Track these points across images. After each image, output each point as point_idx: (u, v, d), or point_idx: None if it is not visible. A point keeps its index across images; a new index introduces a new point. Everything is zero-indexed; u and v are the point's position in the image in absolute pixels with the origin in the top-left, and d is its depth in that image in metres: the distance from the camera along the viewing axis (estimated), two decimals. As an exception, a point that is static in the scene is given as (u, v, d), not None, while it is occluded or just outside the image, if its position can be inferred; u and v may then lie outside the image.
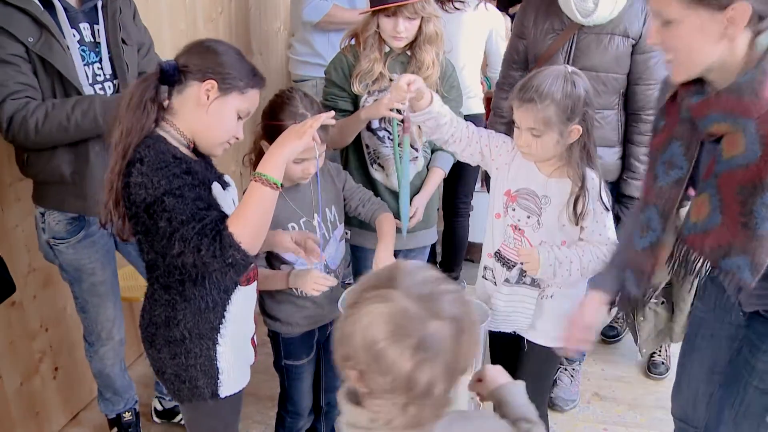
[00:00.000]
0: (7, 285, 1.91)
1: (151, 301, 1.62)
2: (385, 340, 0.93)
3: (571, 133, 1.73)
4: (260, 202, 1.43)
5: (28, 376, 2.42)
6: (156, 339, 1.62)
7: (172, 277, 1.54)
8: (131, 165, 1.44)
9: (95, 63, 1.98)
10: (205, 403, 1.66)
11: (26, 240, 2.30)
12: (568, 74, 1.72)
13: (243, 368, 1.72)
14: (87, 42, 1.96)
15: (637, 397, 2.77)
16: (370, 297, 0.96)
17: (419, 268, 1.02)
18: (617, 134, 2.39)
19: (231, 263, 1.40)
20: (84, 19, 1.95)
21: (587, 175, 1.79)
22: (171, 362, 1.61)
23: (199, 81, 1.49)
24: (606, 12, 2.19)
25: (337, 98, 2.21)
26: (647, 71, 2.26)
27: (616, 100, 2.34)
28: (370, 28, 2.14)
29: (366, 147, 2.27)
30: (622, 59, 2.26)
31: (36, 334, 2.43)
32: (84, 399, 2.75)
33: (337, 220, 2.06)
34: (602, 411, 2.74)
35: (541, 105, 1.69)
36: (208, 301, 1.58)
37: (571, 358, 2.70)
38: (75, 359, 2.65)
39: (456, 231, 3.49)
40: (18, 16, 1.79)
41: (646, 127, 2.26)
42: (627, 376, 2.94)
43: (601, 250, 1.81)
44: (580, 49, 2.27)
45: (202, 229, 1.39)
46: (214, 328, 1.61)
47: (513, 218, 1.88)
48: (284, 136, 1.50)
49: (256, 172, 1.44)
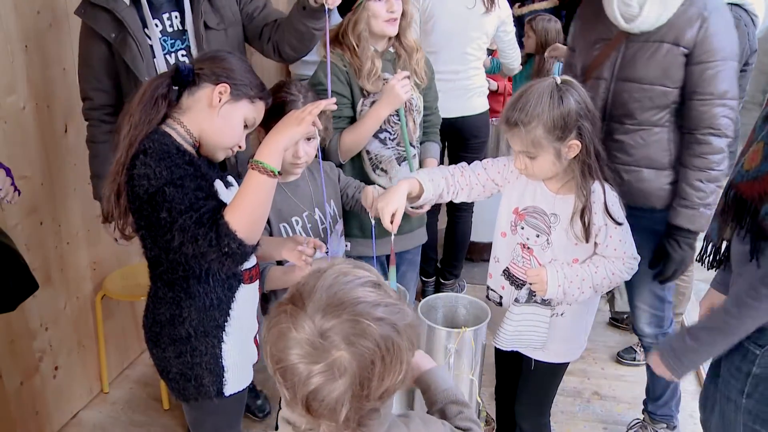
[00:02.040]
0: (30, 283, 1.92)
1: (155, 300, 1.62)
2: (288, 360, 0.92)
3: (569, 149, 1.66)
4: (258, 191, 1.42)
5: (28, 375, 2.42)
6: (161, 338, 1.61)
7: (175, 274, 1.54)
8: (135, 157, 1.45)
9: (180, 50, 2.12)
10: (209, 402, 1.65)
11: (26, 239, 2.30)
12: (555, 88, 1.64)
13: (246, 367, 1.72)
14: (170, 31, 2.11)
15: (637, 396, 2.77)
16: (281, 311, 0.94)
17: (342, 282, 0.95)
18: (668, 156, 2.08)
19: (227, 252, 1.39)
20: (168, 8, 2.10)
21: (592, 189, 1.72)
22: (176, 361, 1.60)
23: (213, 84, 1.52)
24: (652, 17, 1.95)
25: (342, 106, 2.14)
26: (702, 84, 1.96)
27: (667, 117, 2.05)
28: (360, 20, 2.09)
29: (367, 153, 2.22)
30: (671, 70, 1.98)
31: (36, 333, 2.43)
32: (84, 398, 2.75)
33: (337, 214, 2.08)
34: (602, 410, 2.74)
35: (527, 128, 1.63)
36: (212, 298, 1.58)
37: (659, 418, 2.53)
38: (75, 359, 2.65)
39: (458, 226, 3.49)
40: (102, 15, 2.03)
41: (702, 149, 1.99)
42: (627, 375, 2.95)
43: (616, 266, 1.75)
44: (627, 59, 2.04)
45: (199, 218, 1.39)
46: (219, 326, 1.60)
47: (522, 237, 1.82)
48: (283, 123, 1.49)
49: (254, 160, 1.43)
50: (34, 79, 2.32)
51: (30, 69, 2.29)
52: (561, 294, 1.73)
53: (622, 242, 1.75)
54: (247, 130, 1.60)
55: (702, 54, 1.94)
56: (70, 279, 2.59)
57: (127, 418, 2.70)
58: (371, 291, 0.95)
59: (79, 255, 2.64)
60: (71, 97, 2.50)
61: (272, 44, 2.19)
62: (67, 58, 2.46)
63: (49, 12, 2.36)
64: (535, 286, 1.75)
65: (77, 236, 2.61)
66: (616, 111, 2.08)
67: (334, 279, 0.96)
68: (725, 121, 1.96)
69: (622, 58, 2.05)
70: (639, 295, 2.29)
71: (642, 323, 2.34)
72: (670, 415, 2.49)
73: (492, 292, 1.97)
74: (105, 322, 2.76)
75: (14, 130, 2.24)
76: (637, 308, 2.32)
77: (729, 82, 1.95)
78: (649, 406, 2.50)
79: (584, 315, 1.91)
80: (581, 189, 1.71)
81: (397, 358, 0.92)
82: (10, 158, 2.11)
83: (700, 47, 1.94)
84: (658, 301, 2.27)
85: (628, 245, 1.77)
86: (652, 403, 2.49)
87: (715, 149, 1.97)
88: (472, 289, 3.67)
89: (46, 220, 2.43)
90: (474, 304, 2.02)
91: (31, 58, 2.29)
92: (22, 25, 2.24)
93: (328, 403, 0.90)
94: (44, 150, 2.39)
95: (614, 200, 1.74)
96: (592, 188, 1.72)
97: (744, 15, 2.38)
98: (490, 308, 1.92)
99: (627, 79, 2.03)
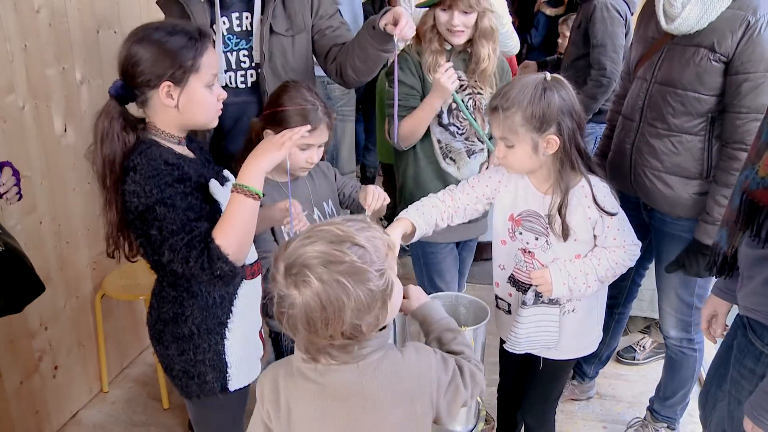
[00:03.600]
0: (36, 285, 1.93)
1: (158, 299, 1.62)
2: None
3: (547, 143, 1.66)
4: (243, 213, 1.44)
5: (28, 374, 2.41)
6: (164, 336, 1.61)
7: (177, 275, 1.55)
8: (125, 173, 1.46)
9: (242, 50, 2.15)
10: (213, 399, 1.66)
11: (26, 239, 2.30)
12: (542, 82, 1.65)
13: (252, 362, 1.72)
14: (237, 30, 2.14)
15: (636, 395, 2.78)
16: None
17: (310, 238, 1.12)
18: (701, 166, 1.99)
19: (219, 275, 1.42)
20: (240, 8, 2.14)
21: (581, 184, 1.71)
22: (179, 358, 1.61)
23: (154, 88, 1.48)
24: (692, 19, 1.87)
25: (409, 96, 2.25)
26: (737, 96, 1.86)
27: (703, 125, 1.95)
28: (427, 21, 2.21)
29: (438, 142, 2.31)
30: (706, 77, 1.89)
31: (36, 332, 2.43)
32: (84, 398, 2.75)
33: (335, 213, 2.10)
34: (602, 409, 2.74)
35: (506, 113, 1.64)
36: (215, 296, 1.59)
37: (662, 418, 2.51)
38: (75, 358, 2.65)
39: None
40: (175, 7, 2.11)
41: (731, 164, 1.90)
42: (627, 375, 2.95)
43: (618, 255, 1.75)
44: (666, 62, 1.99)
45: (190, 240, 1.41)
46: (222, 322, 1.61)
47: (521, 242, 1.82)
48: (262, 147, 1.51)
49: (237, 183, 1.45)
50: (34, 78, 2.31)
51: (29, 68, 2.29)
52: (567, 291, 1.73)
53: (620, 231, 1.75)
54: (217, 84, 1.56)
55: (742, 64, 1.84)
56: (69, 278, 2.59)
57: (126, 417, 2.69)
58: (330, 251, 1.10)
59: (79, 254, 2.64)
60: (71, 96, 2.50)
61: (336, 65, 2.20)
62: (66, 58, 2.46)
63: (49, 11, 2.36)
64: (541, 288, 1.75)
65: (77, 236, 2.60)
66: (650, 114, 2.05)
67: (299, 241, 1.13)
68: None
69: (662, 60, 2.01)
70: (666, 299, 2.27)
71: (668, 326, 2.31)
72: (673, 417, 2.48)
73: (501, 301, 1.95)
74: (105, 322, 2.75)
75: (13, 129, 2.24)
76: (665, 311, 2.30)
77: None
78: (656, 404, 2.49)
79: (594, 307, 1.90)
80: (558, 184, 1.71)
81: (339, 312, 1.08)
82: (9, 157, 2.10)
83: (740, 56, 1.83)
84: (685, 306, 2.23)
85: (626, 233, 1.77)
86: (660, 402, 2.47)
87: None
88: (472, 288, 3.67)
89: (45, 219, 2.43)
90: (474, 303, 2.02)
91: (31, 57, 2.29)
92: (21, 24, 2.23)
93: (293, 324, 1.11)
94: (43, 149, 2.39)
95: (605, 191, 1.73)
96: (580, 184, 1.72)
97: None
98: (500, 317, 1.92)
99: (663, 82, 2.00)
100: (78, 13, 2.50)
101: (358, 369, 1.17)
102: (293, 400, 1.21)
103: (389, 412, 1.20)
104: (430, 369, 1.25)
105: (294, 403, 1.22)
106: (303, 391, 1.20)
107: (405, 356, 1.23)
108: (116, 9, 2.74)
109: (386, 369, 1.19)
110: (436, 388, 1.25)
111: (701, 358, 2.36)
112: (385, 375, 1.18)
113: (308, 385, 1.19)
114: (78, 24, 2.51)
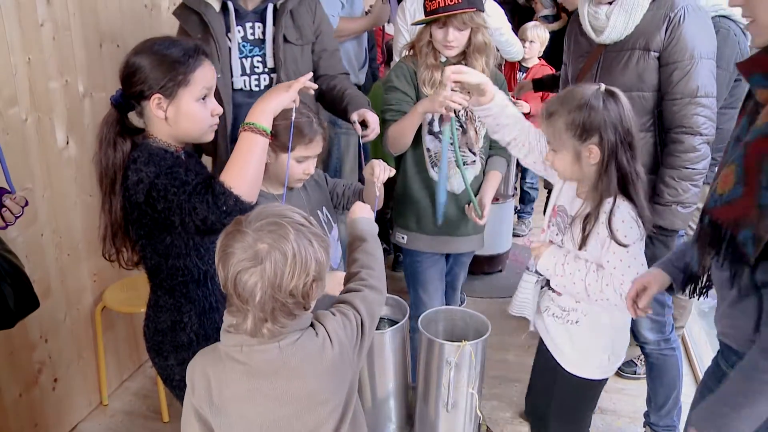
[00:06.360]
0: (31, 301, 1.92)
1: (155, 309, 1.63)
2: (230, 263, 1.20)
3: (590, 153, 1.66)
4: (251, 149, 1.46)
5: (27, 387, 2.41)
6: (163, 346, 1.61)
7: (175, 280, 1.56)
8: (127, 169, 1.49)
9: (256, 56, 2.36)
10: None
11: (27, 250, 2.31)
12: (594, 93, 1.66)
13: None
14: (250, 39, 2.36)
15: (638, 410, 2.76)
16: (227, 233, 1.22)
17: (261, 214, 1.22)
18: (656, 160, 2.15)
19: (226, 211, 1.41)
20: (253, 19, 2.36)
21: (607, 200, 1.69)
22: (179, 368, 1.60)
23: (147, 99, 1.51)
24: (619, 27, 2.08)
25: (402, 102, 2.34)
26: (670, 85, 2.05)
27: (650, 121, 2.13)
28: (423, 38, 2.31)
29: (427, 150, 2.37)
30: (645, 75, 2.08)
31: (36, 344, 2.43)
32: (83, 410, 2.74)
33: (331, 220, 2.12)
34: (603, 424, 2.73)
35: (551, 118, 1.70)
36: (212, 301, 1.60)
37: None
38: (74, 370, 2.65)
39: None
40: (193, 17, 2.31)
41: (675, 147, 2.06)
42: (628, 389, 2.93)
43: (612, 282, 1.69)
44: (604, 70, 2.16)
45: (193, 189, 1.43)
46: (219, 328, 1.61)
47: (551, 233, 1.89)
48: (273, 90, 1.57)
49: (246, 122, 1.47)
50: (37, 91, 2.33)
51: (32, 81, 2.30)
52: (552, 266, 1.79)
53: (622, 263, 1.68)
54: (210, 98, 1.58)
55: (670, 55, 2.04)
56: (70, 291, 2.59)
57: (126, 430, 2.68)
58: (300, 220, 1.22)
59: (80, 267, 2.64)
60: (73, 109, 2.51)
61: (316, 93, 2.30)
62: (69, 71, 2.48)
63: (52, 24, 2.38)
64: (534, 251, 1.85)
65: (78, 248, 2.61)
66: None
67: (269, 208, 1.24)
68: (698, 119, 2.02)
69: (600, 68, 2.18)
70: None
71: (644, 329, 2.33)
72: (673, 426, 2.47)
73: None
74: (105, 334, 2.75)
75: (16, 141, 2.25)
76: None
77: (701, 81, 2.01)
78: (652, 417, 2.49)
79: (606, 331, 1.84)
80: (591, 195, 1.72)
81: (306, 265, 1.18)
82: (11, 170, 2.11)
83: (668, 49, 2.03)
84: (659, 305, 2.26)
85: (627, 273, 1.68)
86: (655, 413, 2.47)
87: (688, 147, 2.03)
88: (473, 302, 3.66)
89: (46, 231, 2.43)
90: (474, 317, 2.02)
91: (34, 70, 2.31)
92: (25, 37, 2.25)
93: (250, 286, 1.16)
94: (45, 162, 2.40)
95: (627, 218, 1.68)
96: (607, 200, 1.69)
97: (733, 26, 2.41)
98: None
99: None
100: (81, 27, 2.53)
101: (279, 347, 1.23)
102: (224, 383, 1.26)
103: (312, 379, 1.26)
104: (339, 333, 1.31)
105: (224, 386, 1.26)
106: (231, 373, 1.25)
107: (318, 332, 1.29)
108: (119, 23, 2.76)
109: (304, 343, 1.25)
110: (351, 348, 1.32)
111: (680, 356, 2.40)
112: (303, 348, 1.25)
113: (236, 366, 1.24)
114: (81, 38, 2.53)
